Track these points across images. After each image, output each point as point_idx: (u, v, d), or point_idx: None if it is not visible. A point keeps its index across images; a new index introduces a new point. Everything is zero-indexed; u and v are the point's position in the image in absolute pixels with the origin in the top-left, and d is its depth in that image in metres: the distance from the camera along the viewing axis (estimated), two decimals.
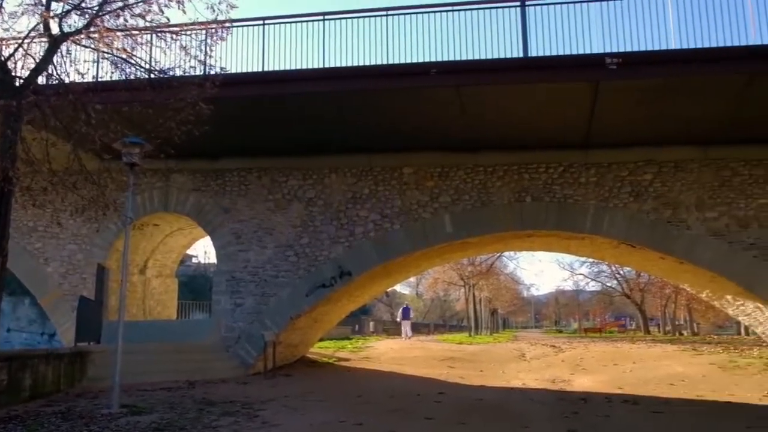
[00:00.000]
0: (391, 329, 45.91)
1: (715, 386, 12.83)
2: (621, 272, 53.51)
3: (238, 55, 13.02)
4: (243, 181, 15.23)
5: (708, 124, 12.83)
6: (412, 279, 63.92)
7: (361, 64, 12.41)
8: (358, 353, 20.54)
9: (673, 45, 11.68)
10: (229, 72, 12.08)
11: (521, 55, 12.12)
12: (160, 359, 13.28)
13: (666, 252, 13.63)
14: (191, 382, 12.22)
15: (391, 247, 14.33)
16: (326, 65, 12.71)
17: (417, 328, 44.48)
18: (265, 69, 12.84)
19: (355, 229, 14.56)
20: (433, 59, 12.15)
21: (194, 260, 50.19)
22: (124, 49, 9.70)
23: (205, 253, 61.60)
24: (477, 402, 10.77)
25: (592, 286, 64.80)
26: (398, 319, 36.45)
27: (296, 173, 15.07)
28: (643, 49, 11.68)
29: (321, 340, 22.12)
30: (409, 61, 12.29)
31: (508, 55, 12.10)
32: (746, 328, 33.89)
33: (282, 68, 12.78)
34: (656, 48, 11.70)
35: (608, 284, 60.65)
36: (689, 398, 11.38)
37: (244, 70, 12.82)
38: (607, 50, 11.58)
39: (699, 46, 11.49)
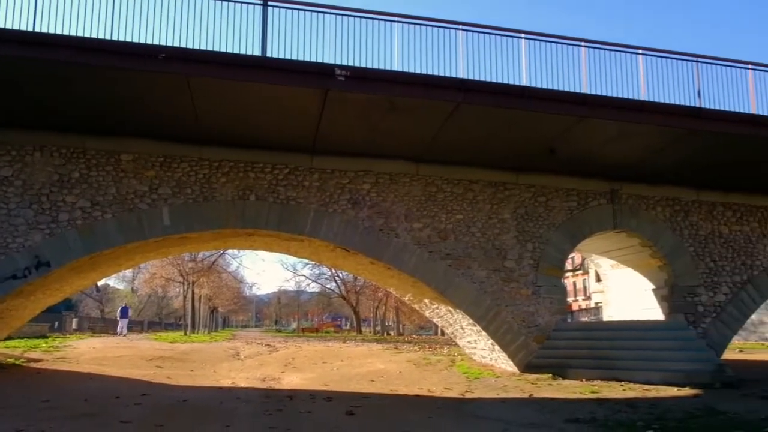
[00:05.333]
0: (98, 327, 42.54)
1: (409, 381, 14.13)
2: (340, 275, 56.45)
3: None
4: None
5: (420, 142, 14.10)
6: (128, 273, 60.05)
7: (81, 35, 11.27)
8: (54, 353, 18.50)
9: (397, 66, 12.64)
10: None
11: (259, 54, 12.08)
12: None
13: (376, 258, 14.62)
14: None
15: (100, 237, 13.16)
16: (38, 30, 11.27)
17: (129, 326, 41.86)
18: None
19: (59, 216, 13.07)
20: (167, 44, 11.51)
21: None
22: None
23: None
24: (181, 403, 10.38)
25: (313, 288, 67.39)
26: (117, 318, 38.13)
27: None
28: (370, 66, 12.44)
29: (9, 338, 19.54)
30: (138, 41, 11.47)
31: (247, 53, 11.96)
32: (442, 329, 38.10)
33: None
34: (382, 67, 12.54)
35: (328, 286, 63.56)
36: (385, 393, 12.34)
37: None
38: (339, 62, 12.08)
39: (419, 71, 12.59)
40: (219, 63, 11.49)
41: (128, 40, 11.38)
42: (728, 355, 18.00)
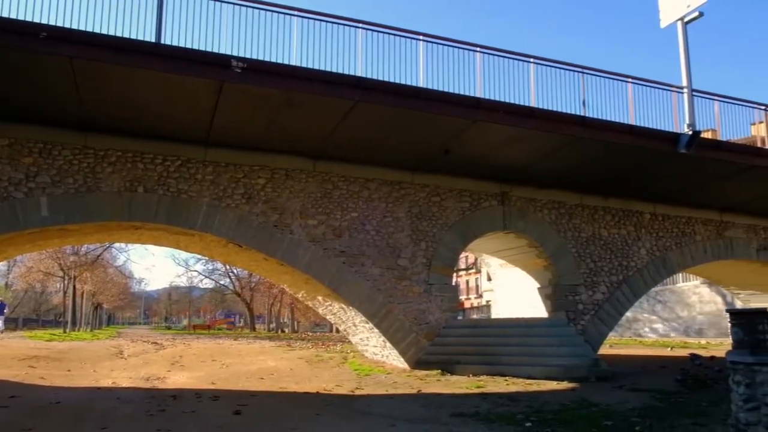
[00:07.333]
0: None
1: (299, 378, 14.04)
2: (234, 271, 55.35)
3: None
4: None
5: (317, 139, 14.02)
6: (1, 266, 56.18)
7: None
8: None
9: (295, 62, 12.46)
10: None
11: (153, 40, 11.55)
12: None
13: (269, 254, 14.39)
14: None
15: None
16: None
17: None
18: None
19: None
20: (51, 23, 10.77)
21: None
22: None
23: None
24: (53, 405, 9.78)
25: (206, 284, 65.70)
26: None
27: None
28: (268, 59, 12.19)
29: None
30: (18, 17, 10.66)
31: (141, 38, 11.39)
32: (336, 327, 38.18)
33: None
34: (280, 61, 12.33)
35: (221, 282, 62.13)
36: (274, 390, 12.19)
37: None
38: (236, 54, 11.77)
39: (318, 67, 12.50)
40: (107, 47, 10.88)
41: (6, 15, 10.60)
42: (603, 350, 19.12)
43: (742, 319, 7.59)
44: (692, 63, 15.84)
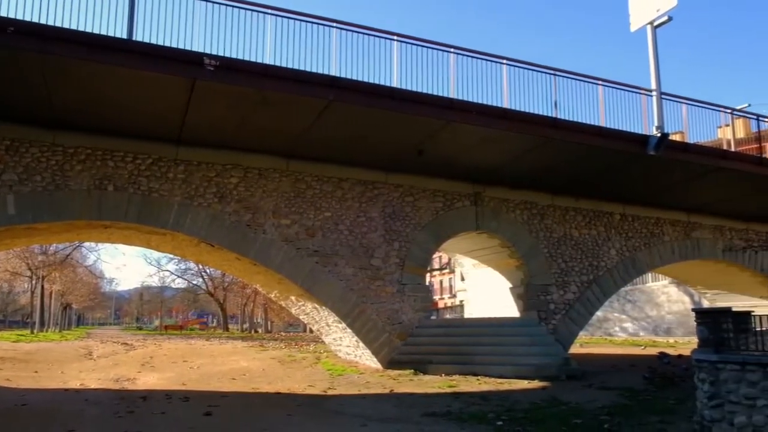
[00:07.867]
0: None
1: (271, 379, 13.97)
2: (207, 271, 54.82)
3: None
4: None
5: (291, 138, 13.96)
6: None
7: None
8: None
9: (269, 60, 12.38)
10: None
11: (125, 37, 11.38)
12: None
13: (242, 253, 14.30)
14: None
15: None
16: None
17: None
18: None
19: None
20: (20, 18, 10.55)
21: None
22: None
23: None
24: (19, 407, 9.61)
25: (179, 284, 64.94)
26: None
27: None
28: (242, 58, 12.10)
29: None
30: None
31: (112, 35, 11.21)
32: (310, 327, 38.04)
33: None
34: (254, 60, 12.23)
35: (194, 282, 61.48)
36: (245, 391, 12.12)
37: None
38: (209, 52, 11.65)
39: (292, 66, 12.43)
40: (77, 42, 10.69)
41: None
42: (574, 349, 19.34)
43: (707, 318, 7.75)
44: (662, 63, 16.10)
